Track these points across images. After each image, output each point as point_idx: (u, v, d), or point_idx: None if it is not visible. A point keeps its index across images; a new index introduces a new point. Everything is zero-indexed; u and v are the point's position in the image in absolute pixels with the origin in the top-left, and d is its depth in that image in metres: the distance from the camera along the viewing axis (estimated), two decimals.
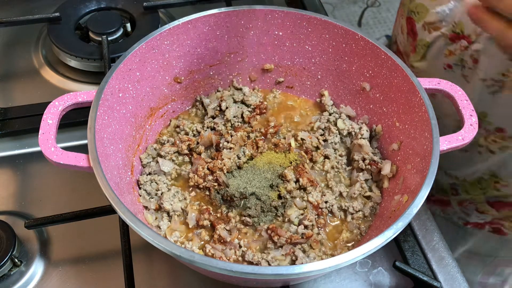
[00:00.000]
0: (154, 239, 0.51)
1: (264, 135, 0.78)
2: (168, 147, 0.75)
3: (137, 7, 1.02)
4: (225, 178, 0.71)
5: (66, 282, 0.68)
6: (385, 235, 0.53)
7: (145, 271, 0.69)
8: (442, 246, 0.74)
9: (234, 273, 0.49)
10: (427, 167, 0.59)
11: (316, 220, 0.68)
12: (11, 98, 0.91)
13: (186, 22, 0.74)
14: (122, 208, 0.53)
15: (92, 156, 0.58)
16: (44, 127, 0.62)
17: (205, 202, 0.71)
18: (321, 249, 0.66)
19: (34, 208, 0.76)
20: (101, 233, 0.73)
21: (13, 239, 0.68)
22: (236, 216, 0.69)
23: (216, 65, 0.82)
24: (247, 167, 0.73)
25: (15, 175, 0.80)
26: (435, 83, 0.70)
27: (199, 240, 0.67)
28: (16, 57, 0.99)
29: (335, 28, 0.76)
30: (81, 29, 1.01)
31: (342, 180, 0.75)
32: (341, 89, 0.82)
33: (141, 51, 0.70)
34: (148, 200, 0.69)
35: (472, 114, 0.67)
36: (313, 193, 0.71)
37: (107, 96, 0.65)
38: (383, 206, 0.69)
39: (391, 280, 0.70)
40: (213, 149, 0.77)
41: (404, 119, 0.71)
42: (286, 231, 0.66)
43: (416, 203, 0.56)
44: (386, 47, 0.72)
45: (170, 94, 0.79)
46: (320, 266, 0.50)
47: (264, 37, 0.80)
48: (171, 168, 0.74)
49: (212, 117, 0.80)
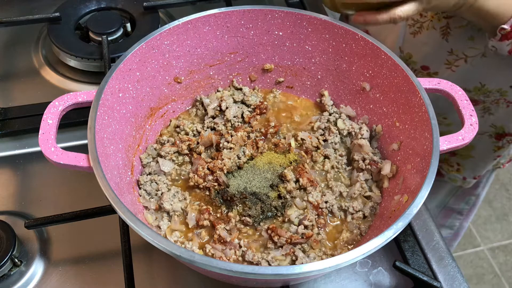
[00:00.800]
0: (154, 239, 0.51)
1: (264, 135, 0.78)
2: (168, 147, 0.75)
3: (137, 7, 1.02)
4: (225, 178, 0.71)
5: (66, 282, 0.68)
6: (385, 235, 0.53)
7: (145, 271, 0.69)
8: (442, 246, 0.74)
9: (234, 273, 0.49)
10: (427, 167, 0.60)
11: (316, 220, 0.68)
12: (11, 98, 0.91)
13: (186, 22, 0.74)
14: (122, 208, 0.53)
15: (92, 156, 0.58)
16: (44, 127, 0.62)
17: (205, 202, 0.71)
18: (321, 249, 0.66)
19: (34, 208, 0.76)
20: (101, 233, 0.73)
21: (13, 239, 0.68)
22: (236, 216, 0.69)
23: (216, 65, 0.82)
24: (247, 167, 0.73)
25: (15, 175, 0.80)
26: (435, 83, 0.70)
27: (199, 240, 0.67)
28: (16, 57, 0.99)
29: (335, 28, 0.76)
30: (81, 29, 1.01)
31: (342, 180, 0.75)
32: (341, 89, 0.82)
33: (141, 51, 0.70)
34: (148, 200, 0.69)
35: (472, 114, 0.67)
36: (313, 193, 0.71)
37: (107, 96, 0.65)
38: (383, 206, 0.69)
39: (391, 280, 0.70)
40: (213, 149, 0.77)
41: (404, 119, 0.71)
42: (286, 231, 0.66)
43: (416, 203, 0.56)
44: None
45: (170, 94, 0.79)
46: (320, 266, 0.50)
47: (264, 37, 0.80)
48: (171, 168, 0.74)
49: (212, 117, 0.80)
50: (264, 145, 0.76)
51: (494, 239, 2.06)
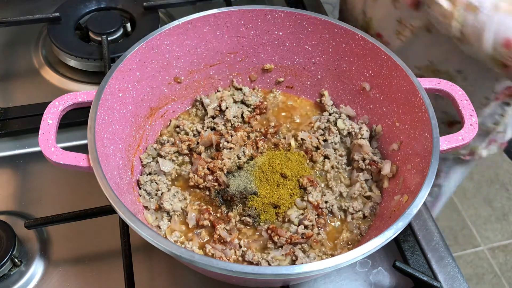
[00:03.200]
0: (154, 239, 0.51)
1: (264, 135, 0.78)
2: (168, 147, 0.75)
3: (137, 7, 1.02)
4: (225, 178, 0.71)
5: (66, 282, 0.68)
6: (385, 235, 0.53)
7: (145, 271, 0.69)
8: (442, 246, 0.74)
9: (234, 273, 0.49)
10: (427, 167, 0.60)
11: (316, 220, 0.68)
12: (11, 98, 0.91)
13: (186, 22, 0.74)
14: (122, 208, 0.53)
15: (92, 156, 0.58)
16: (44, 127, 0.62)
17: (205, 202, 0.71)
18: (321, 249, 0.66)
19: (34, 208, 0.76)
20: (101, 233, 0.73)
21: (13, 239, 0.68)
22: (236, 216, 0.69)
23: (216, 65, 0.82)
24: (247, 167, 0.73)
25: (15, 175, 0.80)
26: (435, 83, 0.71)
27: (199, 240, 0.67)
28: (16, 57, 0.99)
29: (335, 28, 0.76)
30: (81, 29, 1.01)
31: (342, 180, 0.75)
32: (341, 89, 0.82)
33: (141, 51, 0.70)
34: (148, 200, 0.69)
35: (472, 114, 0.67)
36: (313, 193, 0.71)
37: (107, 96, 0.65)
38: (383, 206, 0.69)
39: (391, 280, 0.70)
40: (213, 149, 0.77)
41: (404, 119, 0.71)
42: (286, 231, 0.66)
43: (416, 203, 0.56)
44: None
45: (170, 94, 0.79)
46: (320, 266, 0.50)
47: (264, 37, 0.80)
48: (171, 168, 0.74)
49: (212, 117, 0.80)
50: (264, 145, 0.76)
51: (494, 239, 2.06)
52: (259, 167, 0.73)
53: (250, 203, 0.69)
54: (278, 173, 0.72)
